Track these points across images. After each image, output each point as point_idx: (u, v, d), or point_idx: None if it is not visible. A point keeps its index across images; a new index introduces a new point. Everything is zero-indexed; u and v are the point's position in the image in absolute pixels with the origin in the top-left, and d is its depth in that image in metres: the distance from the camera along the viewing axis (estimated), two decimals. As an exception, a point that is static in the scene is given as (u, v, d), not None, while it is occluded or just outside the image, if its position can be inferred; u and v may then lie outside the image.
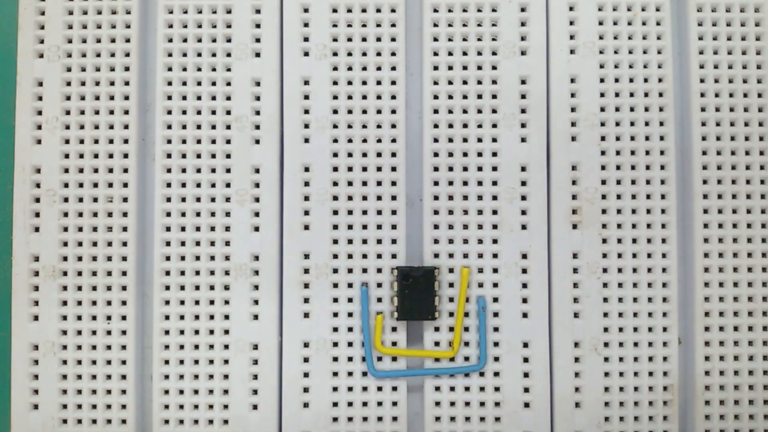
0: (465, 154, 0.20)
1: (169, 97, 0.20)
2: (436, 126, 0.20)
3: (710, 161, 0.20)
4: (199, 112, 0.20)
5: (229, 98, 0.20)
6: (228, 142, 0.20)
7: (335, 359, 0.20)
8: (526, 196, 0.20)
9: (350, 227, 0.20)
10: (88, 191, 0.20)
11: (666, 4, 0.21)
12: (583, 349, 0.20)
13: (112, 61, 0.20)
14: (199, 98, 0.20)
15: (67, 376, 0.20)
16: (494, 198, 0.20)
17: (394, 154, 0.20)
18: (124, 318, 0.20)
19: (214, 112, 0.20)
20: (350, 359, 0.20)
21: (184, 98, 0.20)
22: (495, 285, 0.20)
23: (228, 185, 0.20)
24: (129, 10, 0.21)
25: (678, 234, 0.21)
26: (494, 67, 0.21)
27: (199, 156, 0.20)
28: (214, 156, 0.20)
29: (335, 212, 0.20)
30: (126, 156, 0.20)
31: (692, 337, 0.20)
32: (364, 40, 0.21)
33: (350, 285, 0.20)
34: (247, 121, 0.20)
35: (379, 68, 0.21)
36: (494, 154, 0.20)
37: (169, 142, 0.20)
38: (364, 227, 0.20)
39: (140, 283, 0.20)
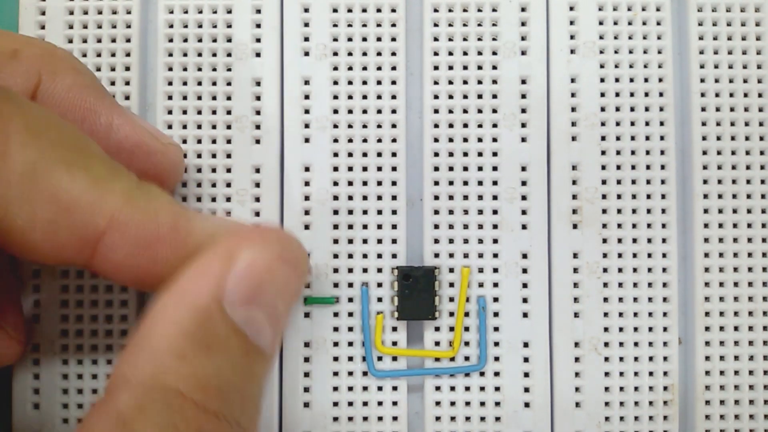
0: (465, 154, 0.20)
1: (170, 97, 0.20)
2: (436, 126, 0.20)
3: (710, 161, 0.20)
4: (199, 112, 0.20)
5: (229, 98, 0.20)
6: (228, 141, 0.20)
7: (335, 359, 0.20)
8: (526, 196, 0.20)
9: (350, 227, 0.20)
10: (89, 191, 0.20)
11: (666, 4, 0.21)
12: (583, 349, 0.20)
13: (112, 61, 0.20)
14: (199, 98, 0.20)
15: (68, 375, 0.20)
16: (494, 198, 0.20)
17: (394, 154, 0.20)
18: (124, 318, 0.20)
19: (214, 112, 0.20)
20: (350, 359, 0.20)
21: (185, 98, 0.20)
22: (495, 285, 0.20)
23: (228, 185, 0.20)
24: (129, 10, 0.21)
25: (678, 234, 0.21)
26: (494, 67, 0.21)
27: (199, 156, 0.20)
28: (214, 156, 0.20)
29: (335, 212, 0.20)
30: (126, 156, 0.20)
31: (692, 337, 0.20)
32: (364, 40, 0.21)
33: (350, 285, 0.20)
34: (247, 121, 0.20)
35: (379, 68, 0.21)
36: (494, 154, 0.20)
37: (170, 142, 0.20)
38: (365, 227, 0.20)
39: (141, 282, 0.20)
